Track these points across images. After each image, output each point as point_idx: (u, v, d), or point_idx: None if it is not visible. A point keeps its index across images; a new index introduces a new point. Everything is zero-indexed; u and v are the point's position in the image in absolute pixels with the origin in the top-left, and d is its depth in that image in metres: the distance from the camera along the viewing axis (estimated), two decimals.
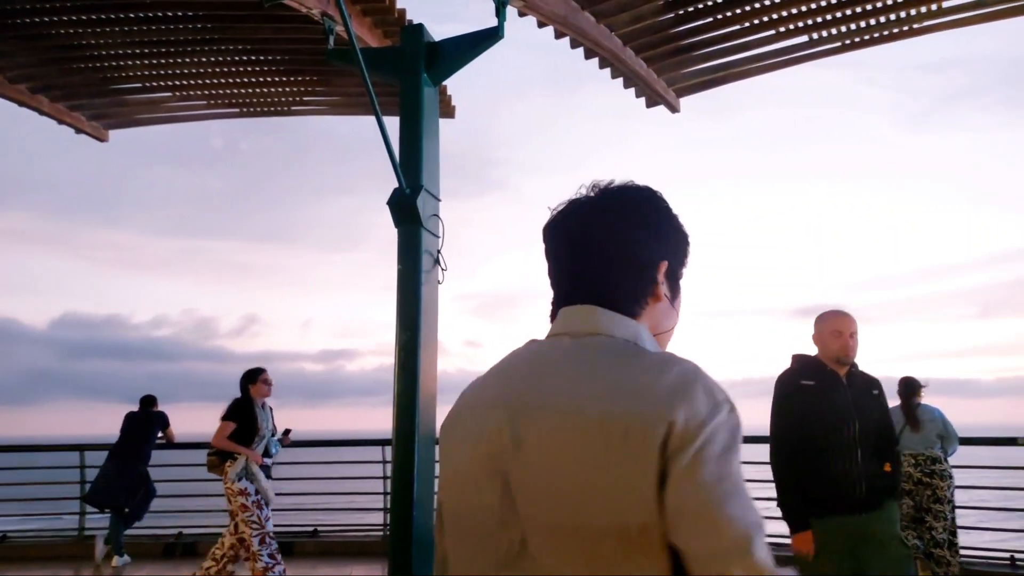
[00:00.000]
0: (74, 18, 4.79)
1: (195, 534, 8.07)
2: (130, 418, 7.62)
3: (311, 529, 8.21)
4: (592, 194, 1.10)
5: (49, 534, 8.57)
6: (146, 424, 7.59)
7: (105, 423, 7.94)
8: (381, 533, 7.96)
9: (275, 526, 8.49)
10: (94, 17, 4.77)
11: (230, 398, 5.79)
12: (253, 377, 5.78)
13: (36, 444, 9.30)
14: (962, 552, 6.10)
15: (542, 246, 1.14)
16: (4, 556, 7.70)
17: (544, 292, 1.14)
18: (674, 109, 5.33)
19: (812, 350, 3.69)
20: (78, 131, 5.92)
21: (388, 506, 7.51)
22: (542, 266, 1.14)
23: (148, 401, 7.77)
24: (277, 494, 8.77)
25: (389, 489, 6.98)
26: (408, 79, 4.67)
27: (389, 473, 6.43)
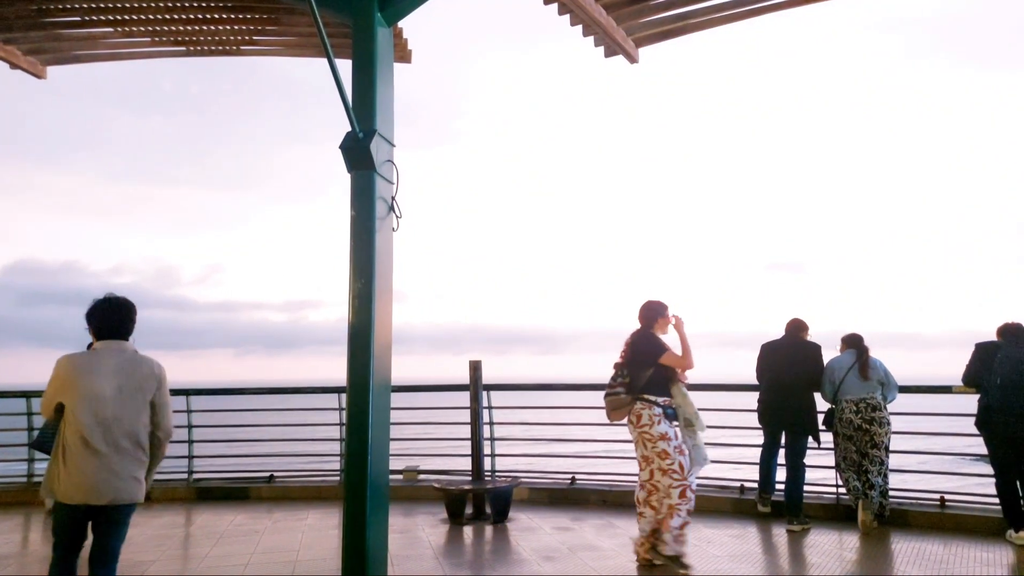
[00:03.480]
0: None
1: None
2: None
3: (267, 475, 8.26)
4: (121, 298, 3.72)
5: None
6: None
7: None
8: (337, 478, 8.06)
9: (233, 471, 8.56)
10: None
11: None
12: (661, 311, 5.30)
13: None
14: (896, 494, 6.47)
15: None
16: None
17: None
18: (632, 60, 5.29)
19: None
20: (13, 66, 5.62)
21: (343, 452, 7.59)
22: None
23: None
24: (231, 441, 8.78)
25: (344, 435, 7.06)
26: (360, 17, 4.54)
27: (344, 419, 6.49)
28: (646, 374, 5.11)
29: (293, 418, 8.62)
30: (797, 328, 6.61)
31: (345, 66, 4.34)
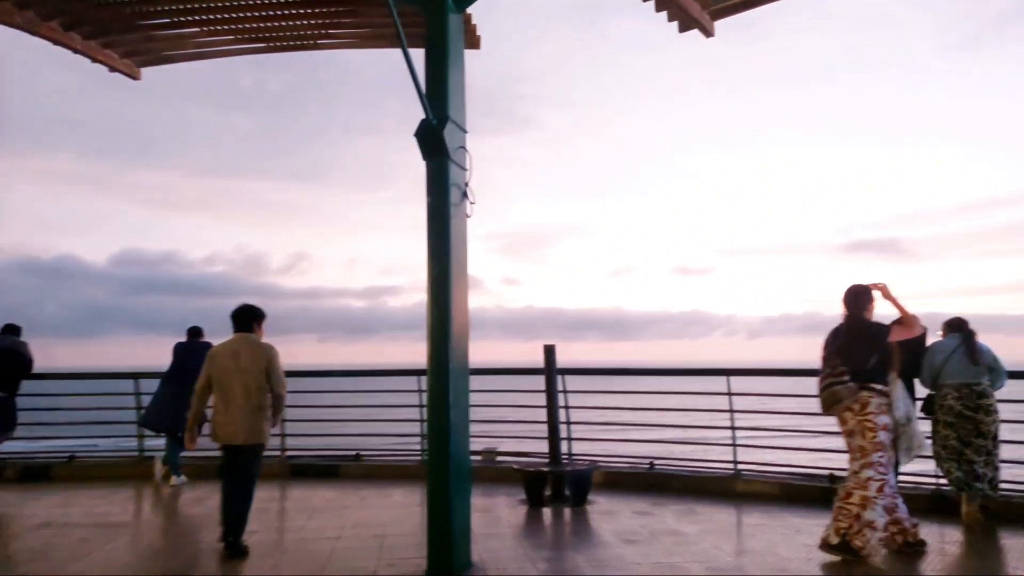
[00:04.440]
0: None
1: None
2: (178, 348, 7.96)
3: (354, 453, 8.56)
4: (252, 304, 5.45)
5: (112, 455, 9.14)
6: (193, 353, 7.91)
7: (161, 355, 8.31)
8: (419, 458, 8.27)
9: (322, 450, 8.90)
10: None
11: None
12: (869, 295, 5.07)
13: (96, 372, 9.81)
14: (1006, 486, 6.03)
15: None
16: (73, 475, 8.30)
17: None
18: (708, 33, 5.08)
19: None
20: (112, 69, 5.97)
21: (424, 432, 7.77)
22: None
23: (195, 332, 8.09)
24: (319, 421, 9.13)
25: (425, 416, 7.22)
26: (432, 4, 4.55)
27: (424, 401, 6.64)
28: (870, 360, 4.90)
29: (375, 400, 8.89)
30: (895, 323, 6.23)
31: (416, 56, 4.37)
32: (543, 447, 7.59)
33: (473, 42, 5.48)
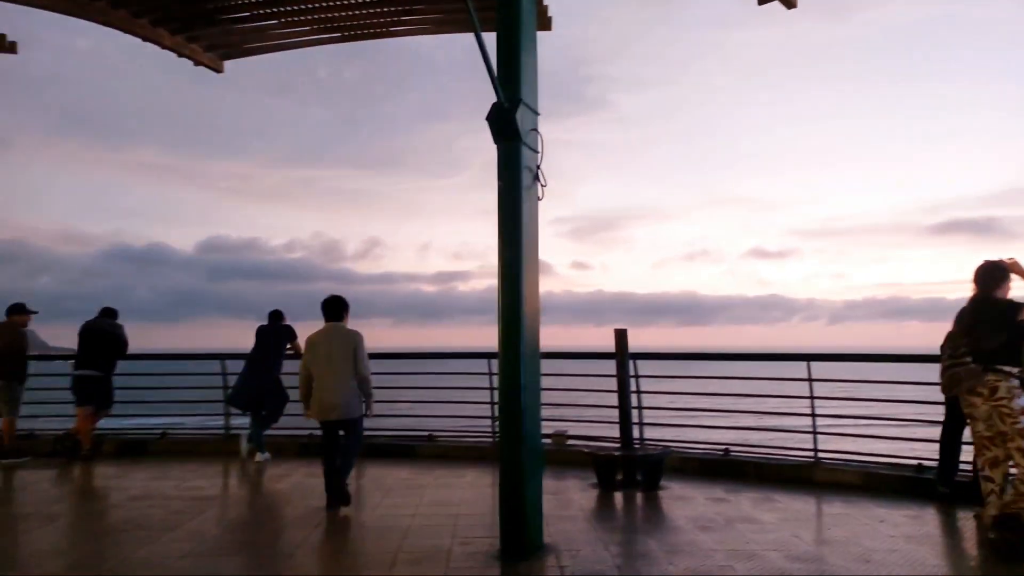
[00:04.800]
0: None
1: None
2: (261, 331, 8.29)
3: (427, 434, 8.74)
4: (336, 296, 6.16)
5: (201, 432, 9.63)
6: (275, 336, 8.23)
7: (245, 337, 8.66)
8: (490, 439, 8.37)
9: (395, 431, 9.13)
10: None
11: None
12: (1005, 272, 4.83)
13: (185, 353, 10.32)
14: None
15: None
16: (164, 450, 8.81)
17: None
18: (790, 4, 4.87)
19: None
20: (196, 63, 6.22)
21: (495, 415, 7.84)
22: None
23: (276, 315, 8.41)
24: (392, 402, 9.34)
25: (496, 399, 7.29)
26: None
27: (495, 384, 6.69)
28: (998, 341, 4.66)
29: (448, 382, 9.04)
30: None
31: (488, 40, 4.37)
32: (613, 432, 7.54)
33: (544, 24, 5.44)
